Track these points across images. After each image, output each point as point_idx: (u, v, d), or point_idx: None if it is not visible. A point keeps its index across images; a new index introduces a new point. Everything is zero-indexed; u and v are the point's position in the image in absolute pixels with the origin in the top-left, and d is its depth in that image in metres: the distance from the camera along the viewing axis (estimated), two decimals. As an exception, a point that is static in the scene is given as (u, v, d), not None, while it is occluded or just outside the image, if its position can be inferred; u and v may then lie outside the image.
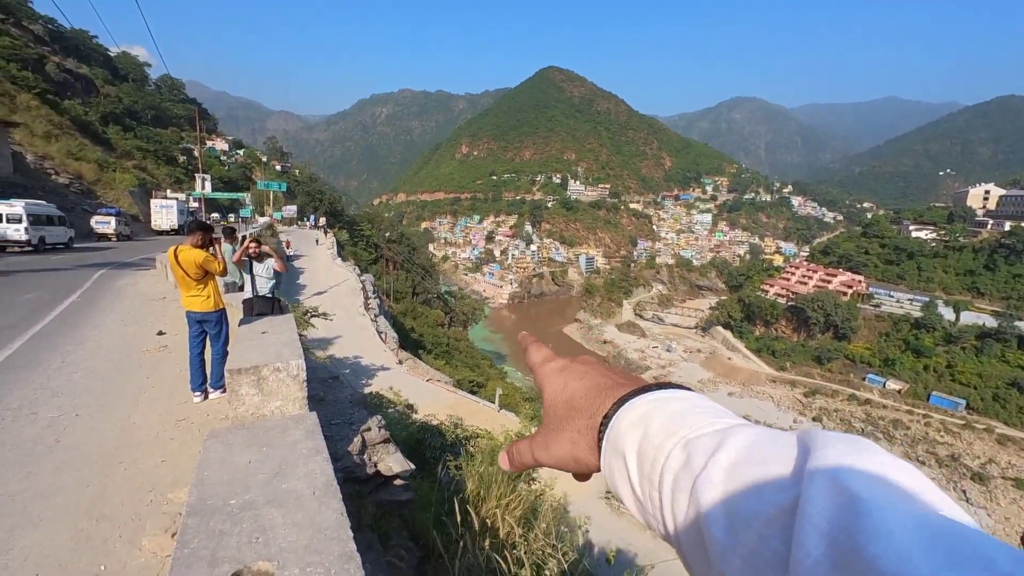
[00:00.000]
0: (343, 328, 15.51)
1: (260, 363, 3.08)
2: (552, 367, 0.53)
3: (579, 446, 0.46)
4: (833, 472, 0.29)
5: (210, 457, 2.14)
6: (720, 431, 0.37)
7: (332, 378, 4.78)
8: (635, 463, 0.40)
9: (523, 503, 4.07)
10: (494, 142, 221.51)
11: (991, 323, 59.22)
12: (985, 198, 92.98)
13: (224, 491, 1.87)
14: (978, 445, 49.38)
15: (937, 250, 76.92)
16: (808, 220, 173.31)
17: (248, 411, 3.10)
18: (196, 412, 4.56)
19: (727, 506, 0.32)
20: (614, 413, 0.43)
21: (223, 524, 1.66)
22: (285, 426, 2.61)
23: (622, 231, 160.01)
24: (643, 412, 0.42)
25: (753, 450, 0.34)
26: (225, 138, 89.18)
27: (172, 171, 47.65)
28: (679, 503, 0.36)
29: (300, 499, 1.85)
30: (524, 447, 0.51)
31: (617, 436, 0.42)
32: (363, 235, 54.66)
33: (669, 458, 0.38)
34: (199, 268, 4.78)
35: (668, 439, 0.39)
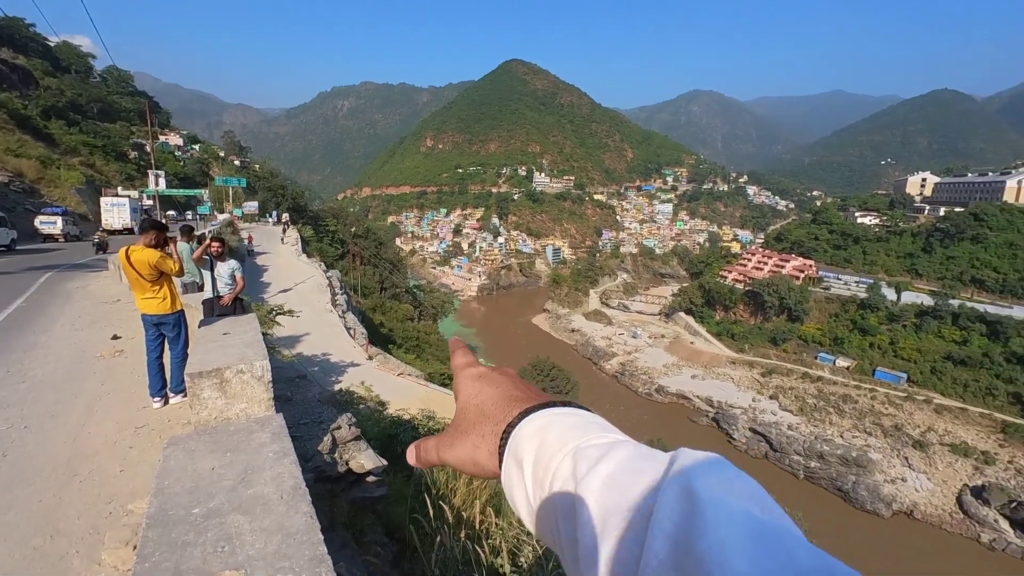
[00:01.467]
0: (310, 325, 15.14)
1: (222, 365, 2.97)
2: (471, 372, 0.56)
3: (480, 450, 0.48)
4: (682, 480, 0.32)
5: (171, 465, 2.08)
6: (606, 444, 0.40)
7: (299, 377, 4.68)
8: (530, 471, 0.43)
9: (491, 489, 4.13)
10: (459, 135, 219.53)
11: (928, 302, 63.49)
12: (922, 186, 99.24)
13: (187, 500, 1.82)
14: (918, 415, 53.15)
15: (880, 235, 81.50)
16: (763, 208, 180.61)
17: (211, 415, 3.00)
18: (156, 418, 4.37)
19: (599, 512, 0.35)
20: (518, 423, 0.46)
21: (186, 534, 1.62)
22: (250, 429, 2.55)
23: (587, 222, 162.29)
24: (543, 424, 0.45)
25: (631, 462, 0.37)
26: (179, 132, 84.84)
27: (123, 168, 45.04)
28: (561, 509, 0.39)
29: (267, 504, 1.82)
30: (431, 444, 0.53)
31: (518, 445, 0.45)
32: (328, 231, 53.13)
33: (560, 465, 0.41)
34: (153, 269, 4.54)
35: (561, 448, 0.42)
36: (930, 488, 43.87)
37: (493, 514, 3.84)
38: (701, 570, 0.27)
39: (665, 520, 0.30)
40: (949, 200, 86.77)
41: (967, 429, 50.42)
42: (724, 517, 0.29)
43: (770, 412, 56.51)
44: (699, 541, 0.28)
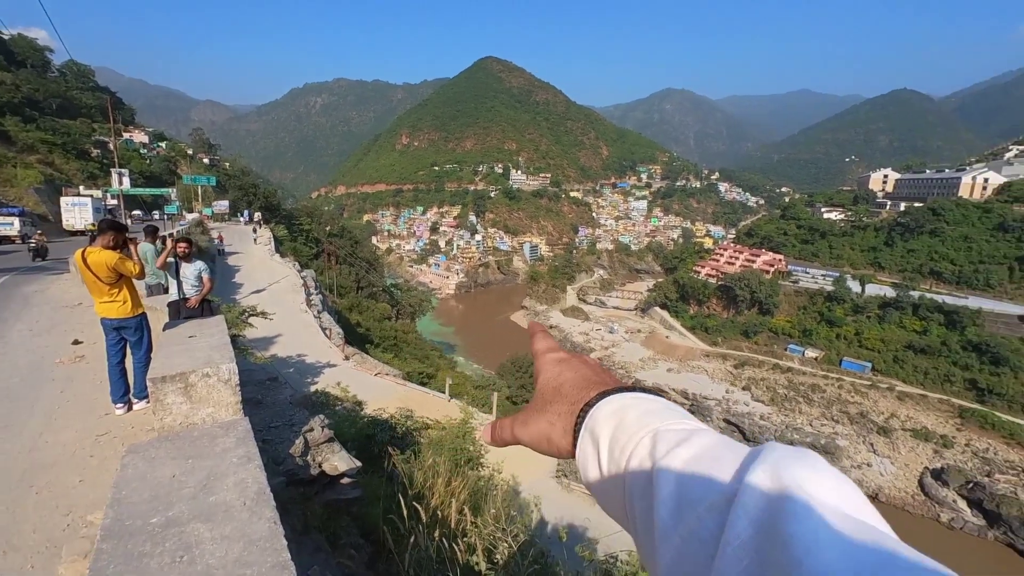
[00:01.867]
0: (284, 326, 14.91)
1: (187, 369, 2.90)
2: (552, 356, 0.59)
3: (555, 427, 0.50)
4: (772, 468, 0.32)
5: (129, 474, 2.03)
6: (687, 430, 0.41)
7: (271, 379, 4.58)
8: (606, 449, 0.44)
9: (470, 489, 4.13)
10: (435, 132, 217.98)
11: (891, 294, 66.17)
12: (884, 182, 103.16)
13: (145, 509, 1.77)
14: (882, 402, 55.45)
15: (845, 229, 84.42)
16: (734, 205, 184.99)
17: (176, 421, 2.93)
18: (119, 425, 4.22)
19: (678, 491, 0.36)
20: (595, 403, 0.48)
21: (143, 545, 1.58)
22: (214, 434, 2.50)
23: (563, 219, 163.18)
24: (621, 405, 0.46)
25: (712, 449, 0.38)
26: (144, 129, 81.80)
27: (84, 166, 43.28)
28: (638, 486, 0.40)
29: (230, 511, 1.79)
30: (506, 423, 0.56)
31: (595, 424, 0.46)
32: (302, 230, 52.08)
33: (638, 444, 0.42)
34: (111, 271, 4.36)
35: (640, 430, 0.43)
36: (894, 472, 45.86)
37: (469, 513, 3.85)
38: (786, 554, 0.27)
39: (751, 502, 0.30)
40: (909, 196, 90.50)
41: (927, 414, 52.89)
42: (815, 506, 0.29)
43: (743, 403, 58.12)
44: (786, 525, 0.28)
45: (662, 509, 0.36)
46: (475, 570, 3.35)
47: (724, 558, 0.30)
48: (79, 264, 4.34)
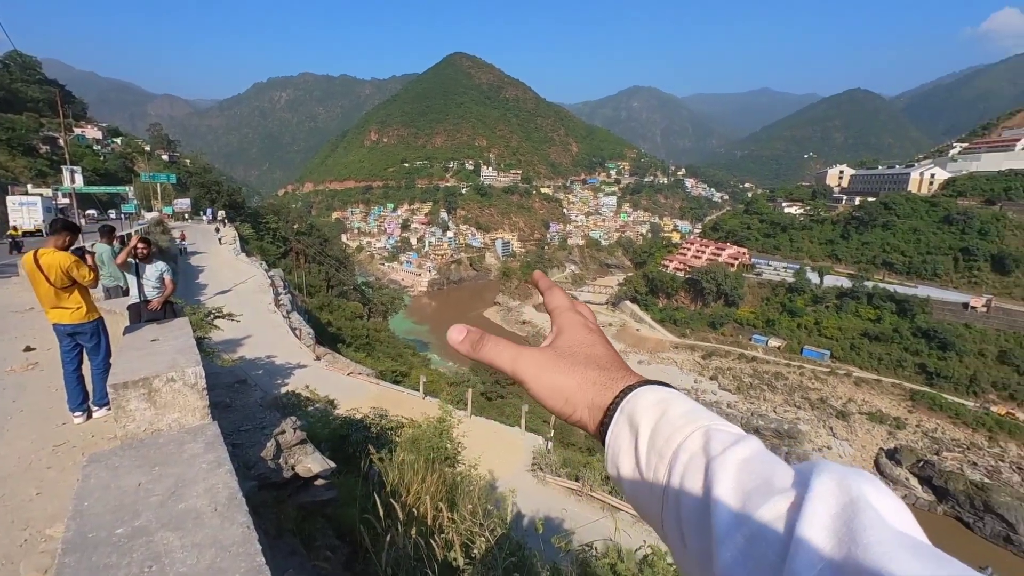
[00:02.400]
0: (252, 327, 14.53)
1: (151, 374, 2.80)
2: (580, 320, 0.57)
3: (583, 392, 0.48)
4: (838, 479, 0.32)
5: (91, 484, 1.96)
6: (738, 434, 0.41)
7: (239, 382, 4.47)
8: (647, 437, 0.43)
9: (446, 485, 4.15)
10: (404, 129, 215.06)
11: (847, 284, 69.46)
12: (840, 177, 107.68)
13: (110, 520, 1.72)
14: (840, 388, 58.24)
15: (804, 223, 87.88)
16: (700, 200, 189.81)
17: (140, 428, 2.83)
18: (78, 434, 4.04)
19: (738, 490, 0.36)
20: (637, 388, 0.47)
21: (108, 557, 1.53)
22: (181, 440, 2.45)
23: (535, 215, 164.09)
24: (665, 397, 0.46)
25: (766, 454, 0.38)
26: (98, 125, 77.72)
27: (32, 163, 41.21)
28: (689, 480, 0.39)
29: (200, 518, 1.75)
30: (505, 349, 0.54)
31: (634, 409, 0.45)
32: (269, 228, 50.65)
33: (688, 439, 0.41)
34: (64, 274, 4.14)
35: (689, 424, 0.42)
36: (852, 453, 48.29)
37: (446, 509, 3.87)
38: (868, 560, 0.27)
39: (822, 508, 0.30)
40: (863, 191, 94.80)
41: (881, 398, 55.90)
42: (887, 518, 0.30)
43: (711, 392, 59.95)
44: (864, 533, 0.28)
45: (720, 507, 0.36)
46: (453, 566, 3.38)
47: (797, 560, 0.29)
48: (29, 266, 4.10)
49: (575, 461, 11.28)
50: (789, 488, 0.34)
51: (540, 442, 12.08)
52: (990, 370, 54.07)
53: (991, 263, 64.78)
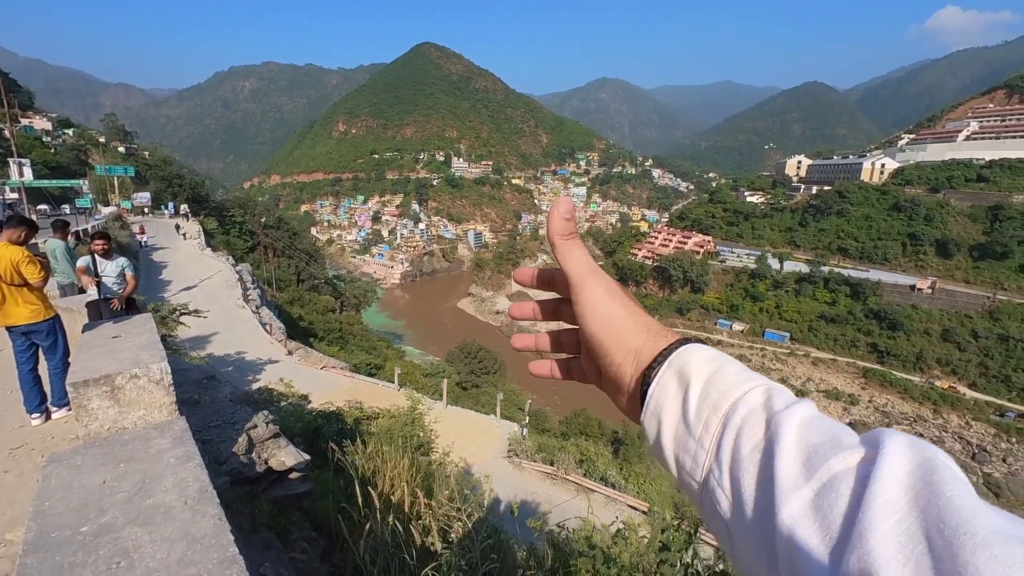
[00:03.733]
0: (220, 324, 14.16)
1: (113, 371, 2.70)
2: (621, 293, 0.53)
3: (636, 337, 0.48)
4: (908, 440, 0.32)
5: (53, 484, 1.91)
6: (795, 397, 0.41)
7: (208, 378, 4.37)
8: (699, 390, 0.43)
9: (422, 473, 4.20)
10: (373, 120, 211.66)
11: (805, 269, 72.57)
12: (798, 167, 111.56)
13: (73, 519, 1.68)
14: (800, 368, 61.02)
15: (766, 211, 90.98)
16: (667, 190, 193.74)
17: (103, 426, 2.74)
18: (36, 436, 3.87)
19: (804, 445, 0.35)
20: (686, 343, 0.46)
21: (74, 555, 1.50)
22: (147, 436, 2.39)
23: (506, 206, 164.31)
24: (716, 355, 0.45)
25: (829, 419, 0.38)
26: (47, 115, 73.59)
27: None
28: (748, 434, 0.38)
29: (169, 512, 1.73)
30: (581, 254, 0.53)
31: (684, 363, 0.44)
32: (235, 222, 48.95)
33: (748, 394, 0.41)
34: (15, 270, 3.93)
35: (747, 382, 0.42)
36: (810, 430, 50.79)
37: (423, 496, 3.92)
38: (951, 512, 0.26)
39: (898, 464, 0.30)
40: (819, 180, 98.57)
41: (837, 376, 58.92)
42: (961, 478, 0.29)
43: (679, 377, 61.74)
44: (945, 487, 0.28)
45: (786, 458, 0.35)
46: (431, 550, 3.42)
47: (873, 508, 0.29)
48: None
49: (550, 446, 11.50)
50: (858, 445, 0.34)
51: (515, 429, 12.26)
52: (935, 347, 57.73)
53: (936, 248, 68.74)
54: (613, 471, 11.09)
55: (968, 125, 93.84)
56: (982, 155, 78.45)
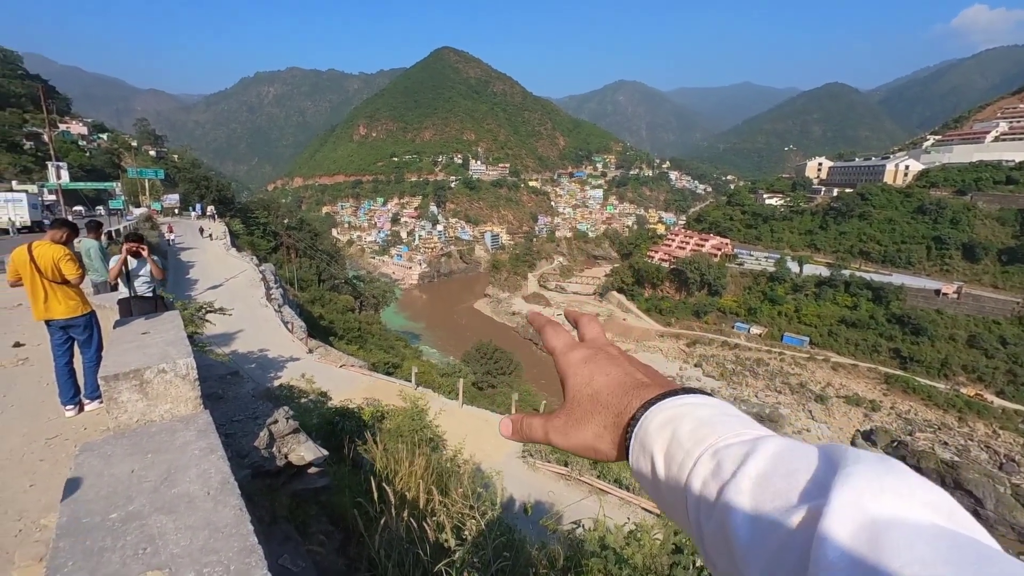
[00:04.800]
0: (244, 322, 14.57)
1: (142, 365, 2.81)
2: (577, 357, 0.53)
3: (603, 440, 0.47)
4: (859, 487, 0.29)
5: (84, 472, 2.00)
6: (749, 441, 0.38)
7: (232, 374, 4.50)
8: (662, 463, 0.41)
9: (433, 470, 4.26)
10: (393, 123, 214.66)
11: (825, 273, 71.04)
12: (819, 169, 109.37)
13: (103, 506, 1.75)
14: (819, 373, 59.74)
15: (785, 214, 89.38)
16: (684, 192, 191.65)
17: (132, 419, 2.84)
18: (70, 427, 4.04)
19: (753, 514, 0.33)
20: (642, 415, 0.45)
21: (103, 540, 1.56)
22: (174, 429, 2.48)
23: (523, 208, 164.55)
24: (672, 415, 0.43)
25: (781, 462, 0.35)
26: (83, 120, 76.05)
27: (16, 159, 40.19)
28: (704, 507, 0.37)
29: (193, 501, 1.79)
30: (537, 424, 0.53)
31: (646, 435, 0.43)
32: (259, 223, 50.13)
33: (698, 463, 0.39)
34: (55, 268, 4.15)
35: (697, 445, 0.40)
36: (830, 435, 49.68)
37: (437, 493, 3.98)
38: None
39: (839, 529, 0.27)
40: (841, 182, 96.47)
41: (858, 382, 57.53)
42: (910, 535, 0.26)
43: (695, 379, 60.96)
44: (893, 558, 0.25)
45: (740, 532, 0.34)
46: (444, 547, 3.47)
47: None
48: (22, 259, 4.10)
49: (563, 448, 11.43)
50: (807, 501, 0.31)
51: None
52: (960, 354, 55.96)
53: (962, 251, 66.70)
54: (627, 473, 11.04)
55: (997, 126, 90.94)
56: (1012, 156, 75.95)
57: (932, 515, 0.28)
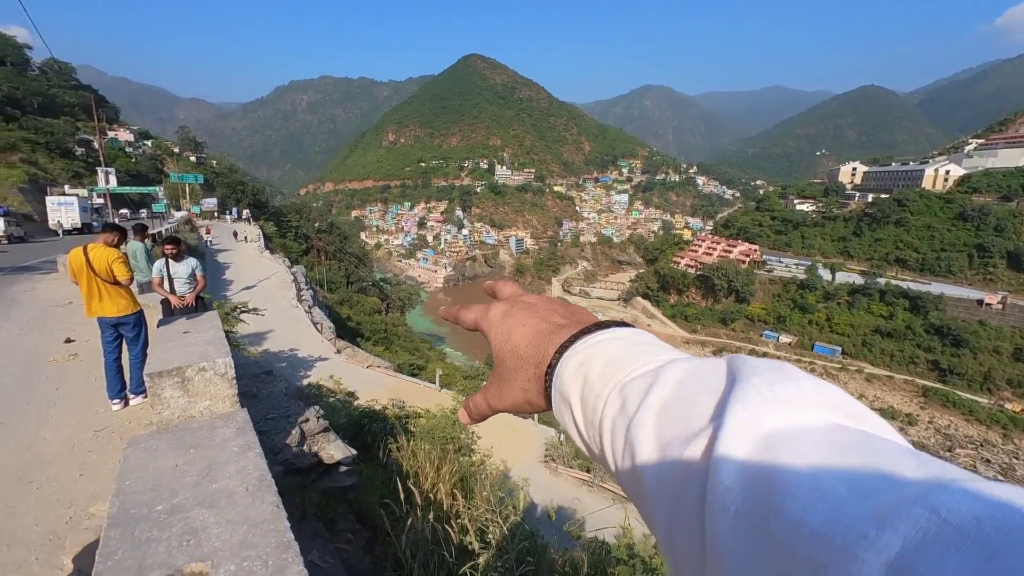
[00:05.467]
0: (276, 322, 14.95)
1: (184, 363, 2.92)
2: (494, 314, 0.52)
3: (531, 392, 0.46)
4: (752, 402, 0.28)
5: (131, 465, 2.08)
6: (653, 371, 0.36)
7: (265, 373, 4.65)
8: (579, 409, 0.40)
9: (461, 474, 4.29)
10: (420, 129, 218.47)
11: (859, 281, 68.51)
12: (853, 174, 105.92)
13: (149, 498, 1.82)
14: (851, 384, 57.54)
15: (816, 220, 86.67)
16: (711, 197, 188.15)
17: (174, 414, 2.96)
18: (116, 420, 4.25)
19: (658, 449, 0.32)
20: (558, 362, 0.43)
21: (150, 531, 1.62)
22: (213, 426, 2.55)
23: (548, 213, 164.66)
24: (584, 358, 0.41)
25: (683, 387, 0.33)
26: (129, 128, 79.92)
27: (69, 165, 42.20)
28: (617, 448, 0.36)
29: (232, 497, 1.84)
30: (479, 399, 0.52)
31: (562, 384, 0.42)
32: (291, 226, 51.65)
33: (607, 404, 0.37)
34: (109, 269, 4.41)
35: (606, 385, 0.38)
36: (864, 452, 47.77)
37: (462, 496, 4.01)
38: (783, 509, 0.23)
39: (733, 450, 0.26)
40: (876, 187, 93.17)
41: (893, 394, 55.17)
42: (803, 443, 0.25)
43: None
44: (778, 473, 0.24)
45: (647, 472, 0.32)
46: (468, 549, 3.49)
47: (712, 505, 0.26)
48: (79, 262, 4.37)
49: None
50: (706, 427, 0.30)
51: (552, 434, 12.20)
52: (1005, 367, 53.03)
53: (1007, 260, 63.42)
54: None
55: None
56: (1062, 161, 72.16)
57: (827, 415, 0.27)
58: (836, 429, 0.26)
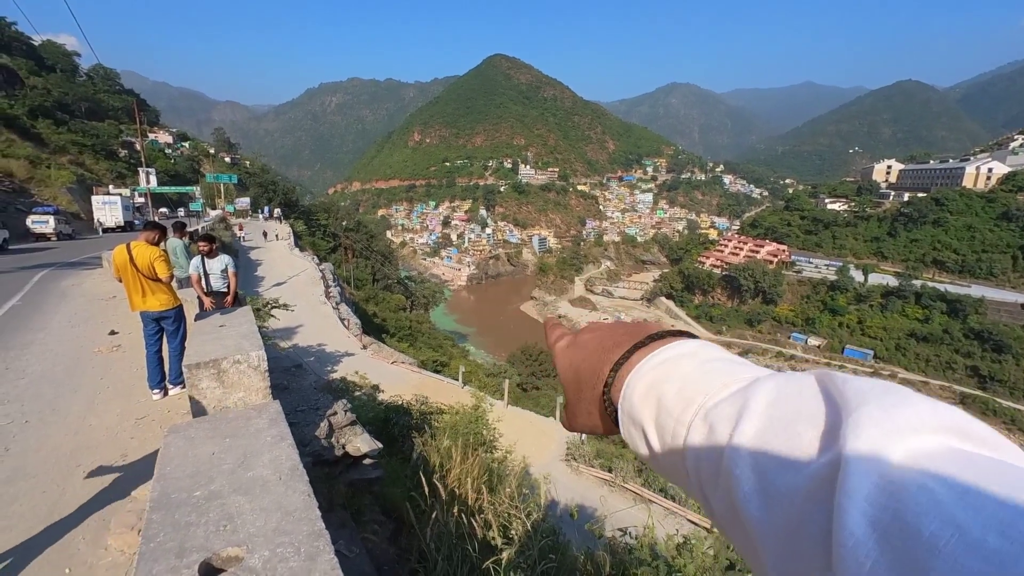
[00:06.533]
0: (305, 317, 15.33)
1: (219, 356, 3.03)
2: (561, 345, 0.52)
3: (594, 416, 0.45)
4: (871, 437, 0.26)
5: (171, 452, 2.14)
6: (738, 392, 0.34)
7: (295, 367, 4.79)
8: (655, 434, 0.39)
9: (484, 469, 4.32)
10: (445, 129, 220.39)
11: (893, 283, 65.98)
12: (888, 172, 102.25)
13: (188, 484, 1.88)
14: (885, 392, 55.46)
15: (848, 220, 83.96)
16: (738, 196, 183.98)
17: (210, 404, 3.05)
18: (156, 409, 4.45)
19: (760, 485, 0.30)
20: (612, 380, 0.42)
21: (189, 516, 1.67)
22: (248, 416, 2.60)
23: (571, 212, 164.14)
24: (653, 379, 0.40)
25: (777, 411, 0.31)
26: (168, 130, 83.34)
27: (113, 166, 43.94)
28: (708, 481, 0.34)
29: (266, 485, 1.88)
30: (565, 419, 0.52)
31: (631, 407, 0.41)
32: (320, 225, 52.99)
33: (691, 431, 0.36)
34: (151, 266, 4.64)
35: (686, 410, 0.37)
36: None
37: (485, 492, 4.04)
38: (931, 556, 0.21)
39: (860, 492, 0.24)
40: (912, 186, 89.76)
41: (930, 403, 52.93)
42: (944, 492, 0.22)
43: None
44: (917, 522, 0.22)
45: (749, 505, 0.30)
46: (491, 545, 3.51)
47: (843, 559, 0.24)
48: (123, 258, 4.60)
49: (608, 452, 11.31)
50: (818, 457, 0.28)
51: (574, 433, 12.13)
52: (1053, 376, 50.41)
53: (1057, 262, 60.30)
54: (673, 483, 10.66)
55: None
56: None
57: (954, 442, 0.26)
58: (968, 461, 0.24)
